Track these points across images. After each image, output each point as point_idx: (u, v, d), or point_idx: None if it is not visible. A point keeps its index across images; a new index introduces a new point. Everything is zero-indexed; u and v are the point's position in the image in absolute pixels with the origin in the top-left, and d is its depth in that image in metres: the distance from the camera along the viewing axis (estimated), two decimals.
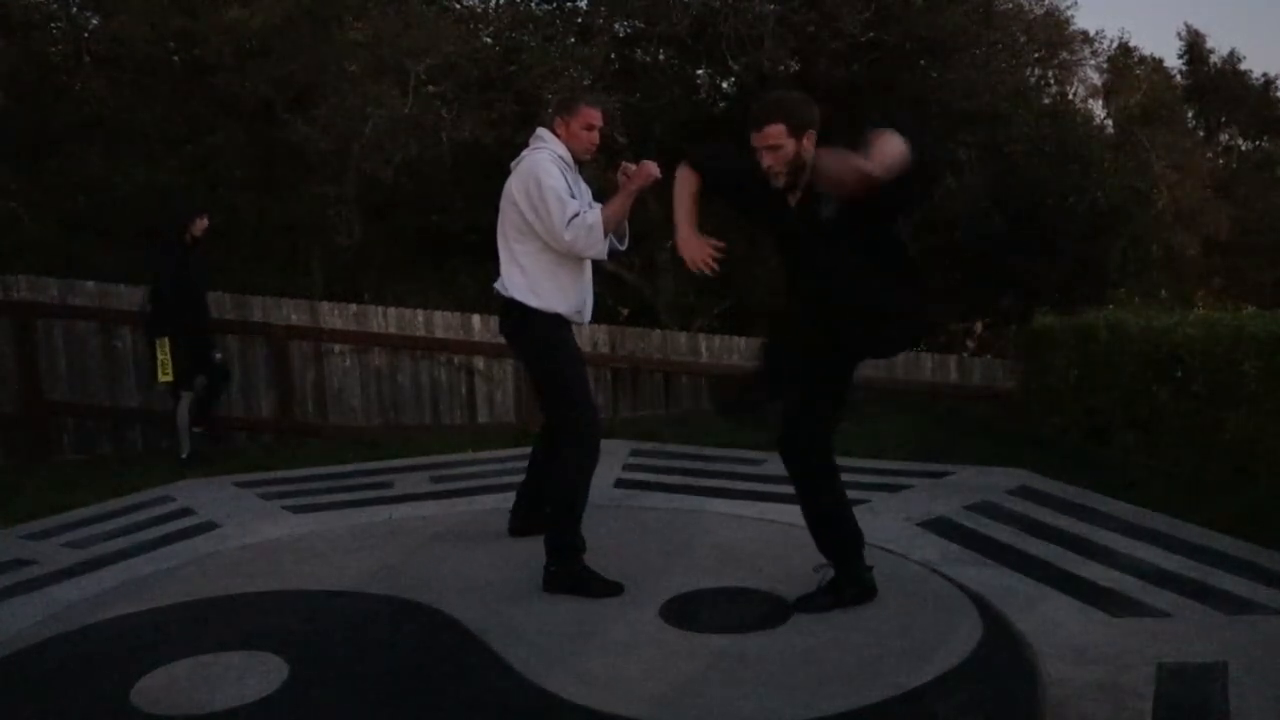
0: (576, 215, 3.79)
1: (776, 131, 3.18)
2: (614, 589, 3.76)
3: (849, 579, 3.52)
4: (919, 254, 7.22)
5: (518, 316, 3.98)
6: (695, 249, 3.48)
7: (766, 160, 3.22)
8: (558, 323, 3.99)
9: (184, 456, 6.82)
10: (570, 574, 3.82)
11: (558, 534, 3.86)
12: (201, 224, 6.98)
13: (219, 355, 7.24)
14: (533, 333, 3.99)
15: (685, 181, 3.54)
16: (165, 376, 6.79)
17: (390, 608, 3.69)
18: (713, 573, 3.92)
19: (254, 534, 4.71)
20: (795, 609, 3.48)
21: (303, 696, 3.01)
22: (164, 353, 6.73)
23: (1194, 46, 20.34)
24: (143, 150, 11.05)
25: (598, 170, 12.74)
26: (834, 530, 3.54)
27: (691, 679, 3.01)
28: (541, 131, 4.04)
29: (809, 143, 3.20)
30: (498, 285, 4.04)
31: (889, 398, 7.70)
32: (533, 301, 3.92)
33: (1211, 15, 47.41)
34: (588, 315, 4.14)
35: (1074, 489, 4.96)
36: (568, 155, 3.96)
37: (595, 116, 3.99)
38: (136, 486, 5.82)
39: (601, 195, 4.14)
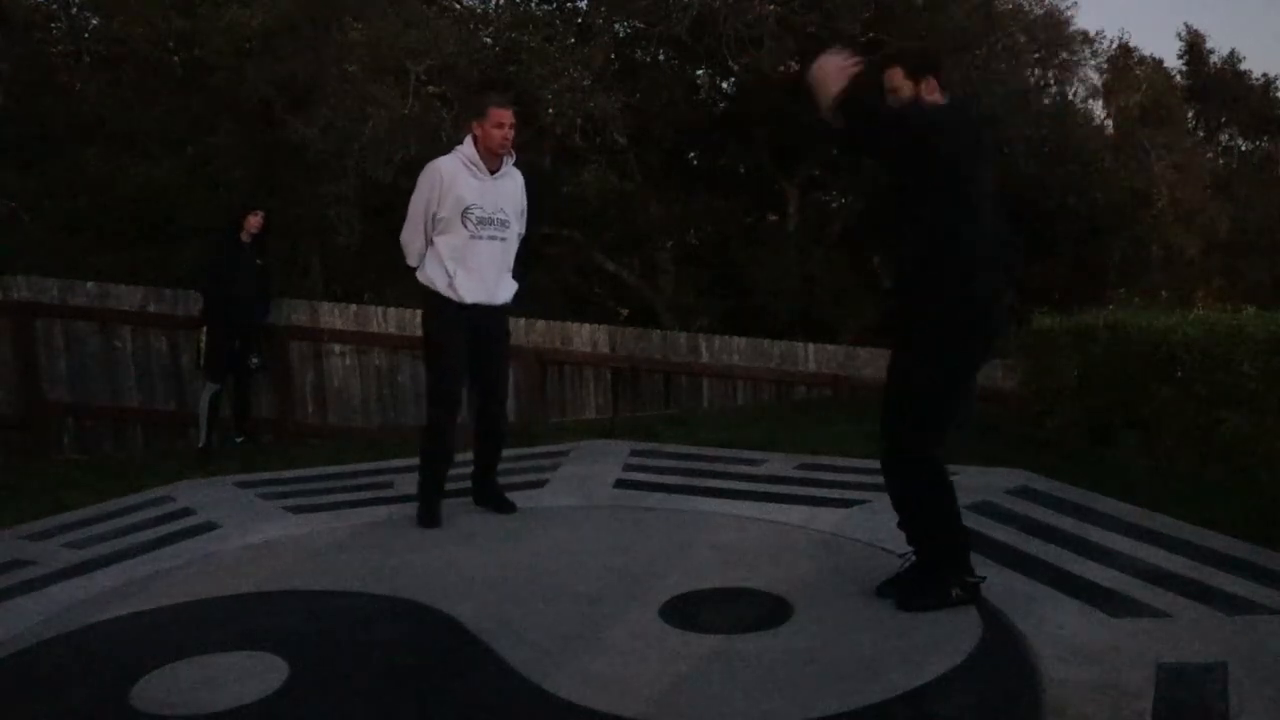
0: (416, 228, 4.60)
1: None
2: (433, 522, 4.64)
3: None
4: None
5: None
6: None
7: None
8: (438, 300, 4.60)
9: (200, 446, 7.00)
10: (418, 507, 4.75)
11: (419, 473, 4.80)
12: (255, 221, 7.06)
13: (256, 360, 7.27)
14: (423, 306, 4.69)
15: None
16: (199, 366, 7.13)
17: (390, 608, 3.69)
18: (713, 573, 3.91)
19: (254, 534, 4.71)
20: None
21: (303, 696, 3.01)
22: (200, 342, 7.08)
23: (1194, 47, 20.33)
24: (143, 150, 11.06)
25: (599, 170, 12.79)
26: None
27: (691, 679, 3.01)
28: (468, 136, 4.64)
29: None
30: None
31: None
32: (419, 277, 4.64)
33: (1211, 15, 47.40)
34: (466, 294, 4.58)
35: (1074, 489, 4.96)
36: (476, 156, 4.57)
37: (502, 115, 4.54)
38: (136, 486, 5.81)
39: (599, 195, 4.25)
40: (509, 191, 4.70)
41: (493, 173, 4.61)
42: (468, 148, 4.60)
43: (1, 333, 7.80)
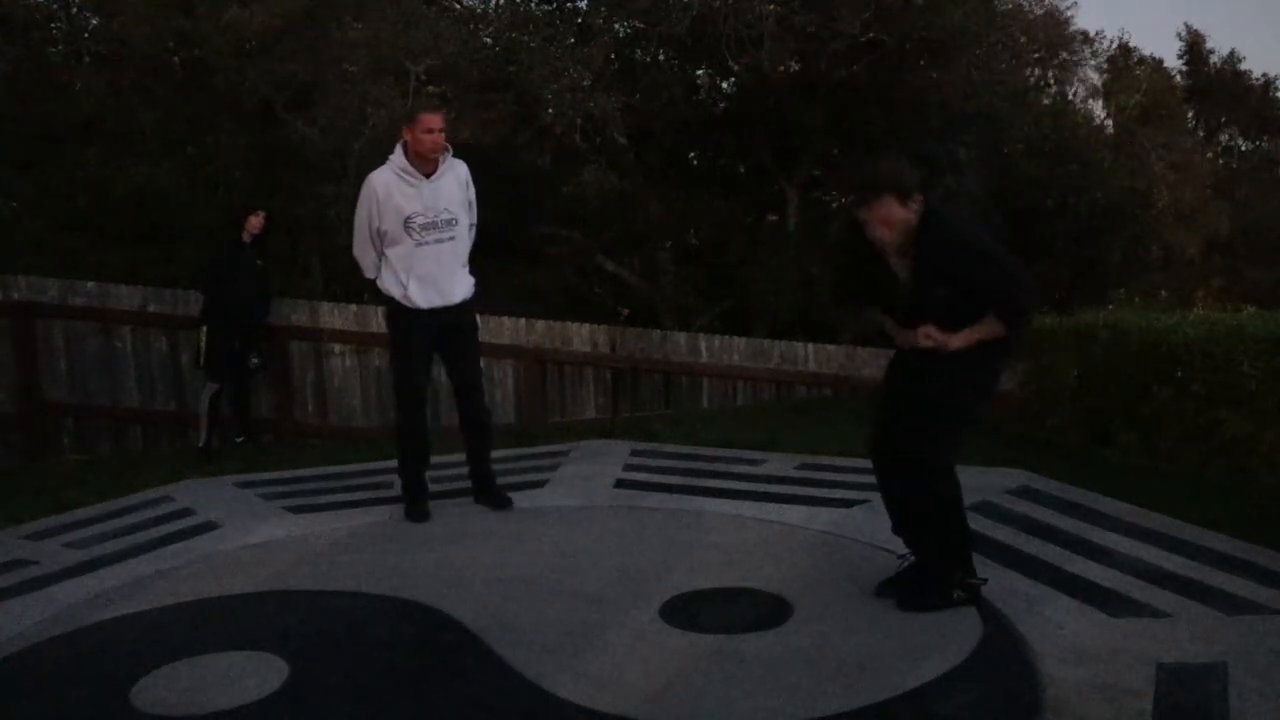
0: (364, 244, 4.77)
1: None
2: (421, 517, 4.78)
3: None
4: None
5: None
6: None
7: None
8: (395, 306, 4.76)
9: (200, 446, 7.03)
10: (405, 505, 4.90)
11: (399, 473, 5.00)
12: (255, 221, 7.07)
13: (256, 360, 7.29)
14: (385, 309, 4.91)
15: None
16: (199, 366, 7.12)
17: (390, 608, 3.69)
18: (713, 573, 3.92)
19: (254, 534, 4.71)
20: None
21: (303, 696, 3.01)
22: (200, 341, 7.07)
23: (1194, 47, 20.33)
24: (142, 150, 11.03)
25: (599, 170, 12.77)
26: None
27: (691, 679, 3.01)
28: (399, 144, 4.72)
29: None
30: None
31: None
32: (379, 286, 4.80)
33: (1211, 15, 47.39)
34: (421, 301, 4.72)
35: (1074, 489, 4.96)
36: (407, 164, 4.65)
37: (432, 121, 4.64)
38: (136, 486, 5.81)
39: (599, 195, 4.26)
40: (449, 190, 4.75)
41: (428, 176, 4.66)
42: (398, 157, 4.67)
43: (1, 333, 7.79)
